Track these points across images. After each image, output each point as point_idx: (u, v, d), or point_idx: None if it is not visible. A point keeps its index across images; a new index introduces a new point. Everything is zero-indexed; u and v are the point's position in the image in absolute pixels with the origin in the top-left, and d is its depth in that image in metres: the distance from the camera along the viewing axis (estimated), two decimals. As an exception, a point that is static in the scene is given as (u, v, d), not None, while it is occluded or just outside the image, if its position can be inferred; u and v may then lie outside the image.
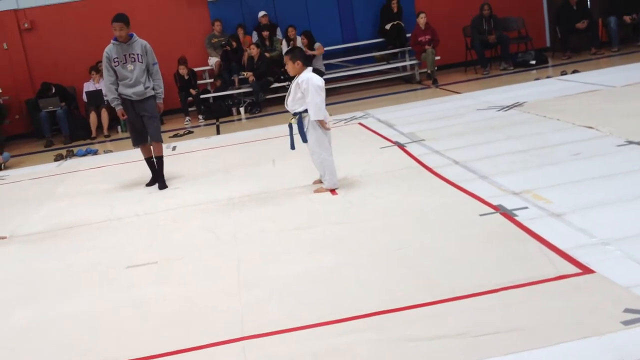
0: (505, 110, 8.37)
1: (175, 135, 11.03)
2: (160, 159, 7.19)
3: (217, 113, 12.59)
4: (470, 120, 8.16)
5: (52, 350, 3.69)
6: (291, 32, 12.87)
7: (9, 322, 4.14)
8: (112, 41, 6.85)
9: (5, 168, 10.13)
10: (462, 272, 3.85)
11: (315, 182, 6.18)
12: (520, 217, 4.56)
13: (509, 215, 4.63)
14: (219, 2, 13.44)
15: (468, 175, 5.82)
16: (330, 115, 9.34)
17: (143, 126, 7.07)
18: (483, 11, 12.82)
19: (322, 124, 5.82)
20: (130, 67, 6.83)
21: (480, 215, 4.73)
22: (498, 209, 4.78)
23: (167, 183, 7.17)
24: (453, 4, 13.66)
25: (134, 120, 7.07)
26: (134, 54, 6.84)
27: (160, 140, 7.22)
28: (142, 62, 6.89)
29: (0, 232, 6.08)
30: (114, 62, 6.83)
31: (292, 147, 5.99)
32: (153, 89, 6.99)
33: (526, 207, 4.73)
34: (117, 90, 6.91)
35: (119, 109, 7.02)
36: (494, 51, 13.26)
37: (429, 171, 6.14)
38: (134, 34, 6.90)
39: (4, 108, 12.21)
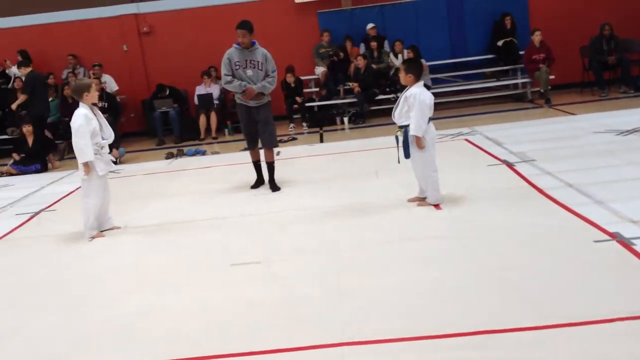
0: (624, 135, 7.97)
1: (280, 142, 11.20)
2: (271, 164, 7.32)
3: (321, 121, 12.73)
4: (586, 143, 7.81)
5: (161, 337, 3.84)
6: (398, 46, 12.84)
7: (122, 309, 4.32)
8: (234, 45, 7.02)
9: (121, 163, 10.63)
10: (572, 299, 3.69)
11: (411, 200, 6.09)
12: (639, 246, 4.32)
13: (626, 243, 4.39)
14: (329, 13, 13.61)
15: (582, 199, 5.58)
16: (436, 130, 9.25)
17: (256, 132, 7.21)
18: (603, 31, 12.30)
19: (417, 141, 5.73)
20: (249, 72, 6.98)
21: (595, 241, 4.52)
22: (615, 236, 4.55)
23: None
24: (570, 22, 13.17)
25: (248, 126, 7.22)
26: (254, 61, 6.99)
27: (273, 146, 7.35)
28: (261, 70, 7.02)
29: (115, 222, 6.37)
30: (235, 66, 7.00)
31: (406, 155, 5.82)
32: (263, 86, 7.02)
33: (645, 237, 4.48)
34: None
35: (248, 87, 6.93)
36: (613, 73, 12.65)
37: (539, 192, 5.92)
38: (256, 42, 7.04)
39: (120, 106, 12.83)
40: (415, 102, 5.63)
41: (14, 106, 11.86)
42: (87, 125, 5.86)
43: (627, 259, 4.17)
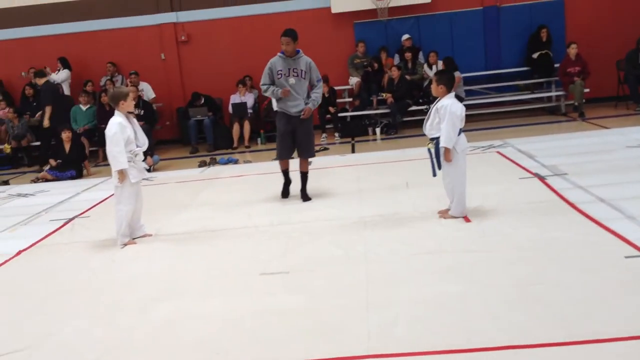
0: (659, 150, 7.86)
1: (314, 150, 11.25)
2: (305, 174, 7.37)
3: (353, 132, 12.76)
4: (619, 157, 7.71)
5: (189, 345, 3.91)
6: (432, 57, 12.84)
7: (152, 316, 4.40)
8: (278, 54, 7.06)
9: (154, 170, 10.80)
10: (603, 315, 3.66)
11: (441, 212, 6.08)
12: (671, 263, 4.27)
13: (658, 260, 4.34)
14: (365, 23, 13.67)
15: (614, 214, 5.51)
16: (468, 142, 9.20)
17: (292, 142, 7.25)
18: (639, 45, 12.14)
19: (446, 153, 5.73)
20: (292, 80, 7.00)
21: (626, 257, 4.47)
22: (646, 252, 4.50)
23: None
24: (607, 36, 13.03)
25: (285, 135, 7.24)
26: (297, 69, 7.02)
27: (311, 157, 7.40)
28: (305, 79, 7.05)
29: (147, 229, 6.48)
30: (277, 75, 7.03)
31: (434, 173, 5.88)
32: (308, 96, 7.12)
33: (678, 254, 4.42)
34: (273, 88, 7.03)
35: (281, 90, 6.96)
36: (648, 87, 12.47)
37: (570, 206, 5.87)
38: (300, 50, 7.07)
39: (156, 114, 13.05)
40: (446, 113, 5.63)
41: (46, 122, 12.08)
42: (122, 133, 5.97)
43: (659, 276, 4.12)
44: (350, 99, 13.52)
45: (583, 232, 5.16)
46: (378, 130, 12.61)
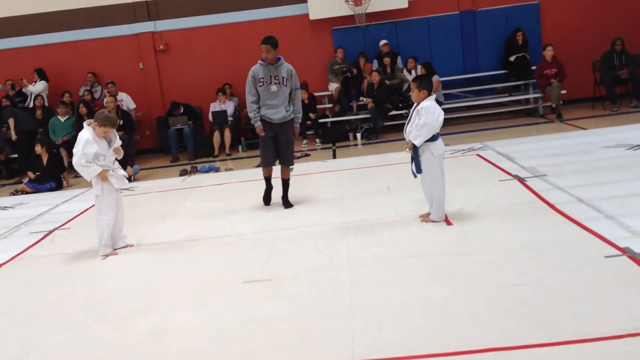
0: (635, 150, 7.95)
1: (294, 157, 11.26)
2: (286, 181, 7.38)
3: (334, 137, 12.79)
4: (597, 158, 7.81)
5: (173, 355, 3.88)
6: (411, 63, 12.92)
7: (135, 327, 4.37)
8: (259, 62, 7.03)
9: (135, 180, 10.73)
10: (584, 315, 3.70)
11: (422, 216, 6.11)
12: (650, 261, 4.32)
13: (637, 258, 4.40)
14: (343, 29, 13.72)
15: (593, 214, 5.58)
16: (448, 145, 9.27)
17: (275, 149, 7.24)
18: (615, 46, 12.31)
19: (410, 145, 5.79)
20: (273, 88, 6.98)
21: (606, 257, 4.52)
22: (625, 251, 4.55)
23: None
24: (582, 37, 13.20)
25: (267, 142, 7.21)
26: (279, 77, 7.00)
27: (291, 165, 7.41)
28: (286, 86, 7.04)
29: (128, 240, 6.44)
30: (259, 83, 7.00)
31: (418, 171, 5.88)
32: (293, 112, 7.16)
33: (657, 252, 4.48)
34: (258, 109, 7.06)
35: (258, 125, 7.09)
36: (624, 88, 12.65)
37: (550, 207, 5.93)
38: (282, 58, 7.05)
39: (135, 123, 12.95)
40: (427, 113, 5.68)
41: (13, 136, 12.33)
42: (89, 148, 5.92)
43: (638, 274, 4.17)
44: (331, 105, 13.55)
45: (563, 232, 5.22)
46: (359, 135, 12.64)
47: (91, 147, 5.94)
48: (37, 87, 13.43)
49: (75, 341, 4.25)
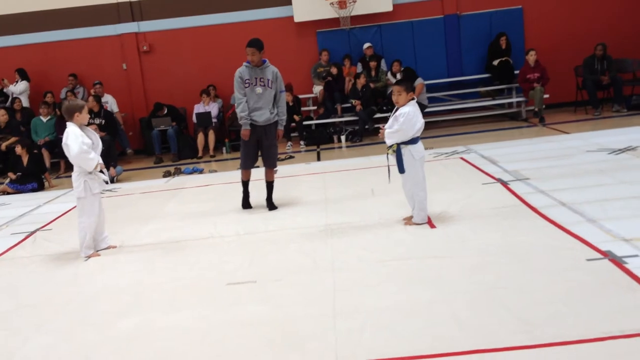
0: (617, 154, 8.04)
1: (277, 160, 11.25)
2: (271, 183, 7.37)
3: (319, 140, 12.80)
4: (579, 162, 7.89)
5: (155, 358, 3.85)
6: (396, 66, 12.96)
7: (118, 330, 4.33)
8: (244, 63, 7.02)
9: (118, 181, 10.67)
10: (565, 318, 3.72)
11: (406, 219, 6.13)
12: (631, 265, 4.37)
13: (618, 262, 4.44)
14: (328, 32, 13.74)
15: (575, 217, 5.62)
16: (432, 148, 9.31)
17: (257, 151, 7.22)
18: (596, 51, 12.43)
19: (382, 132, 5.83)
20: (258, 90, 6.97)
21: (588, 260, 4.56)
22: (607, 255, 4.59)
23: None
24: (565, 42, 13.34)
25: (250, 145, 7.18)
26: (264, 79, 6.98)
27: (274, 167, 7.38)
28: (271, 88, 7.02)
29: (111, 241, 6.40)
30: (245, 84, 6.97)
31: (401, 170, 5.86)
32: (277, 114, 7.15)
33: (637, 255, 4.53)
34: (248, 110, 7.01)
35: (246, 129, 7.06)
36: (606, 92, 12.78)
37: (533, 211, 5.98)
38: (267, 60, 7.04)
39: (118, 124, 12.84)
40: (405, 118, 5.70)
41: None
42: (84, 138, 5.92)
43: (619, 277, 4.21)
44: (315, 107, 13.56)
45: (545, 235, 5.25)
46: (343, 137, 12.66)
47: (84, 137, 5.93)
48: (19, 87, 13.31)
49: (57, 343, 4.20)
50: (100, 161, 6.08)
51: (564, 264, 4.55)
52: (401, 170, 5.86)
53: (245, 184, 7.44)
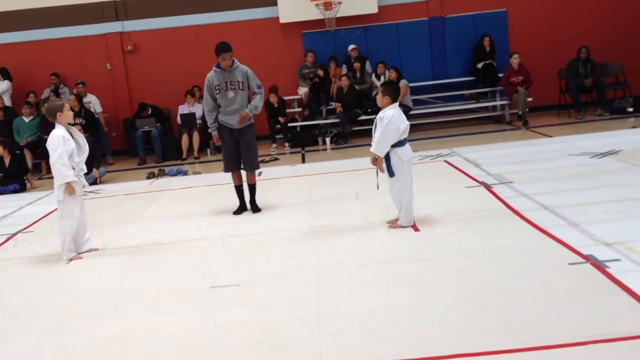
0: (599, 158, 8.11)
1: (262, 162, 11.23)
2: (253, 186, 7.32)
3: (304, 142, 12.79)
4: (562, 165, 7.95)
5: (137, 362, 3.83)
6: (381, 68, 13.00)
7: (100, 333, 4.30)
8: (214, 68, 6.95)
9: (101, 182, 10.59)
10: (547, 321, 3.74)
11: (390, 221, 6.15)
12: (612, 269, 4.40)
13: (600, 266, 4.47)
14: (313, 33, 13.74)
15: (557, 221, 5.66)
16: (416, 151, 9.34)
17: (238, 154, 7.17)
18: (580, 54, 12.54)
19: (379, 162, 5.82)
20: (230, 94, 6.90)
21: (570, 264, 4.59)
22: (589, 259, 4.63)
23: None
24: (548, 45, 13.44)
25: (229, 148, 7.15)
26: (234, 82, 6.90)
27: (256, 169, 7.33)
28: (243, 89, 6.95)
29: (94, 244, 6.35)
30: (216, 90, 6.91)
31: (390, 174, 5.88)
32: (249, 103, 7.05)
33: (618, 260, 4.56)
34: (216, 117, 7.04)
35: (215, 134, 7.11)
36: (589, 96, 12.89)
37: (515, 214, 6.01)
38: (235, 60, 6.95)
39: (100, 124, 12.74)
40: (385, 122, 5.71)
41: None
42: (64, 146, 5.85)
43: (601, 281, 4.24)
44: (300, 109, 13.55)
45: (528, 239, 5.28)
46: (328, 140, 12.67)
47: (68, 143, 5.88)
48: (1, 86, 13.17)
49: (39, 346, 4.17)
50: (84, 181, 6.08)
51: (546, 268, 4.58)
52: (391, 174, 5.88)
53: (239, 189, 7.32)
